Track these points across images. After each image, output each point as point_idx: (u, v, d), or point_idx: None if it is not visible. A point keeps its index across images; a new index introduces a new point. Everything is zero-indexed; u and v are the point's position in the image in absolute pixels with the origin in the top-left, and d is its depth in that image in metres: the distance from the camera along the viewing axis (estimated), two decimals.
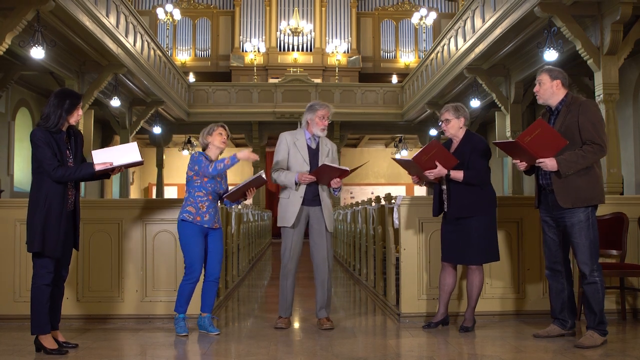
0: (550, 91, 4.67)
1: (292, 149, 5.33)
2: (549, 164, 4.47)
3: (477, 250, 5.01)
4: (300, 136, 5.37)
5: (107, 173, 4.55)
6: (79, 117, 4.45)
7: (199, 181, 5.10)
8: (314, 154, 5.32)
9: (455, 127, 5.16)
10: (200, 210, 5.05)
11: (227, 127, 5.27)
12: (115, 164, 4.43)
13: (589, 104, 4.60)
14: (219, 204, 5.31)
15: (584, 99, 4.71)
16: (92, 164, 4.38)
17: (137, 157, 4.50)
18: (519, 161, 4.65)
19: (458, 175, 4.96)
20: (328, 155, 5.35)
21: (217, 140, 5.17)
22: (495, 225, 5.11)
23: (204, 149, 5.22)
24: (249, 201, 22.79)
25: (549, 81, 4.67)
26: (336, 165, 5.17)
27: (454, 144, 5.20)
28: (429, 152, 4.91)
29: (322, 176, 5.19)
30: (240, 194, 5.16)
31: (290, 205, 5.28)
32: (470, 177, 4.97)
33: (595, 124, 4.52)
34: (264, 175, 5.02)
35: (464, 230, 5.01)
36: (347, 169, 5.12)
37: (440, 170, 4.93)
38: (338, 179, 5.21)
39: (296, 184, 5.23)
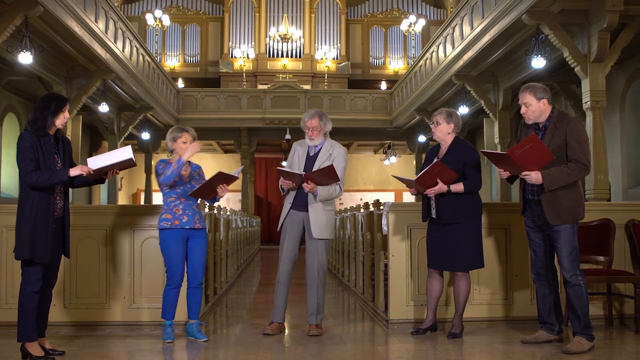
0: (539, 111, 4.71)
1: (295, 156, 5.46)
2: (534, 177, 4.55)
3: (463, 257, 5.05)
4: (305, 143, 5.46)
5: (101, 177, 4.53)
6: (65, 120, 4.43)
7: (167, 187, 5.07)
8: (311, 160, 5.37)
9: (443, 132, 5.19)
10: (177, 214, 5.01)
11: (191, 131, 5.12)
12: (102, 164, 4.40)
13: (576, 123, 4.69)
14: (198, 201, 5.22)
15: (571, 116, 4.78)
16: (66, 170, 4.33)
17: (126, 156, 4.45)
18: (502, 170, 4.73)
19: (459, 188, 5.01)
20: (328, 160, 5.31)
21: (181, 149, 5.02)
22: (481, 232, 5.16)
23: (171, 152, 5.15)
24: (237, 207, 22.82)
25: (536, 102, 4.69)
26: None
27: (442, 149, 5.24)
28: (432, 172, 4.95)
29: (293, 178, 5.22)
30: (209, 190, 5.06)
31: (284, 209, 5.41)
32: (469, 187, 5.04)
33: (581, 143, 4.61)
34: (235, 173, 5.01)
35: (451, 236, 5.05)
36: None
37: (440, 187, 4.98)
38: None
39: (282, 189, 5.36)
